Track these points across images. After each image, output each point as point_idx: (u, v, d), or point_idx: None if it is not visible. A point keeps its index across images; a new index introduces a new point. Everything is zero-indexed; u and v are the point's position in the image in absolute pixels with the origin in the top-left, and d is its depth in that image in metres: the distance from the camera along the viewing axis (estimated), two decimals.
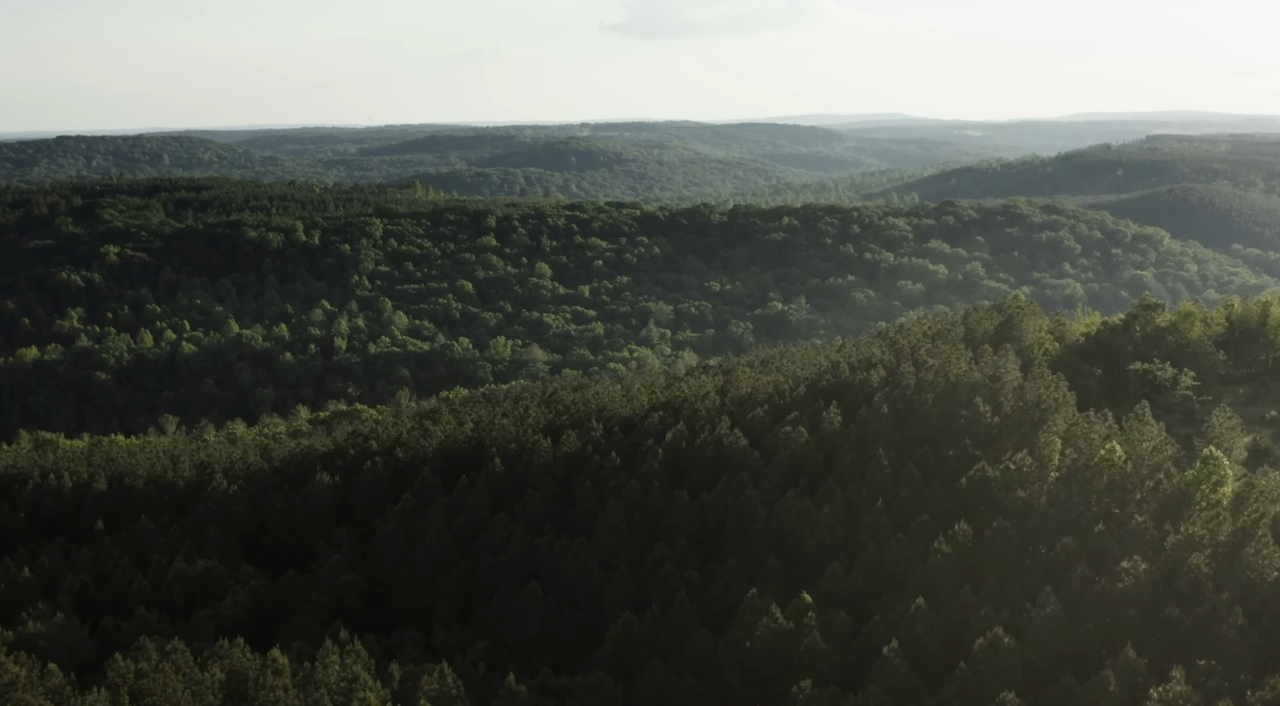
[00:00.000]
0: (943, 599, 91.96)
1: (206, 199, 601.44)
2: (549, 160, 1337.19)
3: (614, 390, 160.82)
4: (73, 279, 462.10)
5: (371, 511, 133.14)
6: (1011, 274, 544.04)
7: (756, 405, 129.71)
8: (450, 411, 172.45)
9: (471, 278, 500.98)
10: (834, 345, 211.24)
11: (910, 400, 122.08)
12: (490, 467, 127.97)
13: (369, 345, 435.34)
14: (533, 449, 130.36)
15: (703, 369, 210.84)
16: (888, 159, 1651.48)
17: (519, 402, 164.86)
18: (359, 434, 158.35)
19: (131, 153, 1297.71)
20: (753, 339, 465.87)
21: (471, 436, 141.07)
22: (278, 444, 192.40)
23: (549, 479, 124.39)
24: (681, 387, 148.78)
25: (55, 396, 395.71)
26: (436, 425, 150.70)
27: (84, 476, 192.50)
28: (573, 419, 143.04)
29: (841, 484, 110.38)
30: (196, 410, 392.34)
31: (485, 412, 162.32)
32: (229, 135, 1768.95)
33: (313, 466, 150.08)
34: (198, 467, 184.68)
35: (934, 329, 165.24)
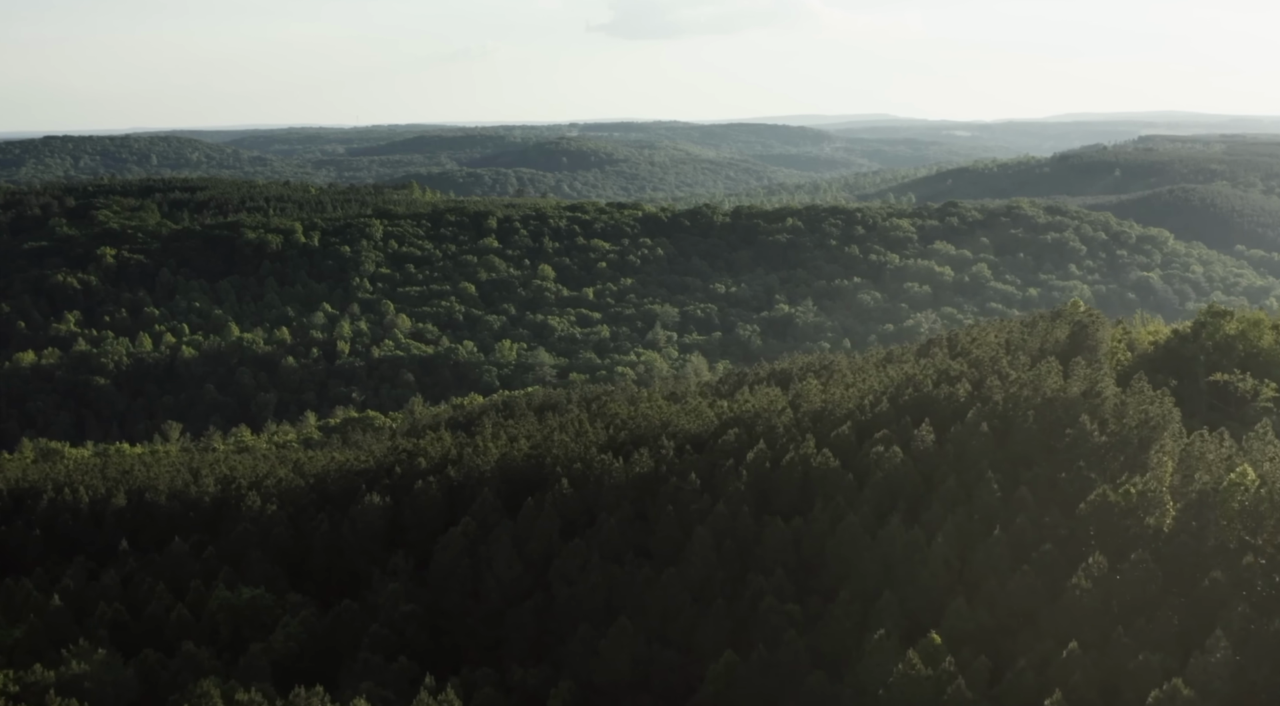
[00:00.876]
0: (1087, 640, 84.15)
1: (201, 199, 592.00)
2: (540, 160, 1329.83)
3: (664, 403, 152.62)
4: (69, 281, 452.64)
5: (426, 535, 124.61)
6: (1018, 275, 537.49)
7: (837, 421, 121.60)
8: (493, 424, 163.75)
9: (474, 280, 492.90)
10: (880, 353, 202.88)
11: (1006, 417, 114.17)
12: (557, 489, 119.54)
13: (372, 349, 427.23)
14: (601, 469, 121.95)
15: (761, 378, 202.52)
16: (878, 159, 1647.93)
17: (565, 415, 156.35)
18: (403, 449, 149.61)
19: (119, 153, 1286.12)
20: (760, 342, 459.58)
21: (531, 454, 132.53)
22: (306, 456, 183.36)
23: (622, 502, 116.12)
24: (748, 400, 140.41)
25: (54, 402, 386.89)
26: (489, 440, 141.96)
27: (101, 491, 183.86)
28: (633, 435, 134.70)
29: (948, 509, 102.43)
30: (198, 416, 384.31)
31: (533, 427, 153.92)
32: (215, 135, 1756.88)
33: (356, 485, 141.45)
34: (221, 482, 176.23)
35: (999, 338, 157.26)
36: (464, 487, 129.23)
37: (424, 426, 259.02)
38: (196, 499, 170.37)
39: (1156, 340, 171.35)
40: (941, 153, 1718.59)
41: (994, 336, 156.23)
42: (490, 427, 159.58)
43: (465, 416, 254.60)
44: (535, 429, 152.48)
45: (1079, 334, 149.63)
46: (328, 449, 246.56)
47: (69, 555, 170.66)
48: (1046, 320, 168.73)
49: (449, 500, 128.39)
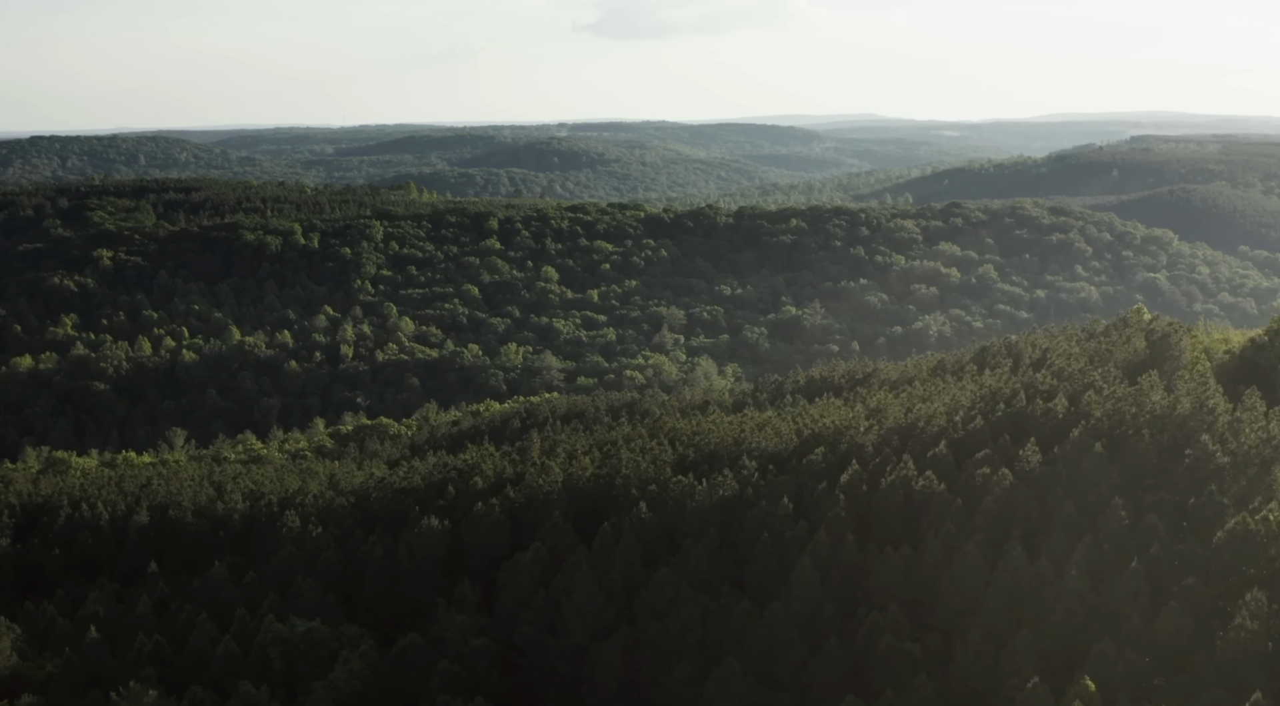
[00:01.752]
0: (1264, 688, 76.40)
1: (196, 200, 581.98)
2: (531, 160, 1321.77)
3: (725, 416, 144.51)
4: (65, 284, 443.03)
5: (489, 562, 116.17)
6: (1025, 277, 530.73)
7: (929, 440, 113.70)
8: (543, 439, 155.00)
9: (476, 282, 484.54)
10: (930, 361, 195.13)
11: (1114, 435, 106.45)
12: (635, 513, 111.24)
13: (376, 353, 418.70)
14: (681, 491, 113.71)
15: (800, 386, 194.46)
16: (868, 159, 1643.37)
17: (616, 429, 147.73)
18: (452, 467, 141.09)
19: (107, 153, 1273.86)
20: (768, 344, 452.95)
21: (599, 474, 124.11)
22: (341, 472, 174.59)
23: (707, 527, 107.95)
24: (824, 415, 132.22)
25: (52, 408, 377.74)
26: (549, 458, 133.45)
27: (121, 507, 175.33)
28: (703, 453, 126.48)
29: (1072, 538, 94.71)
30: (200, 421, 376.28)
31: (585, 442, 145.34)
32: (203, 135, 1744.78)
33: (406, 505, 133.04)
34: (249, 497, 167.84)
35: (1072, 348, 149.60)
36: (527, 510, 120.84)
37: (443, 436, 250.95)
38: (224, 516, 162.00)
39: (1231, 349, 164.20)
40: (932, 153, 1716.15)
41: (1067, 346, 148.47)
42: (539, 442, 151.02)
43: (487, 425, 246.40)
44: (589, 443, 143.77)
45: (1160, 344, 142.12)
46: (347, 459, 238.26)
47: (91, 576, 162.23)
48: (1117, 329, 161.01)
49: (512, 524, 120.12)
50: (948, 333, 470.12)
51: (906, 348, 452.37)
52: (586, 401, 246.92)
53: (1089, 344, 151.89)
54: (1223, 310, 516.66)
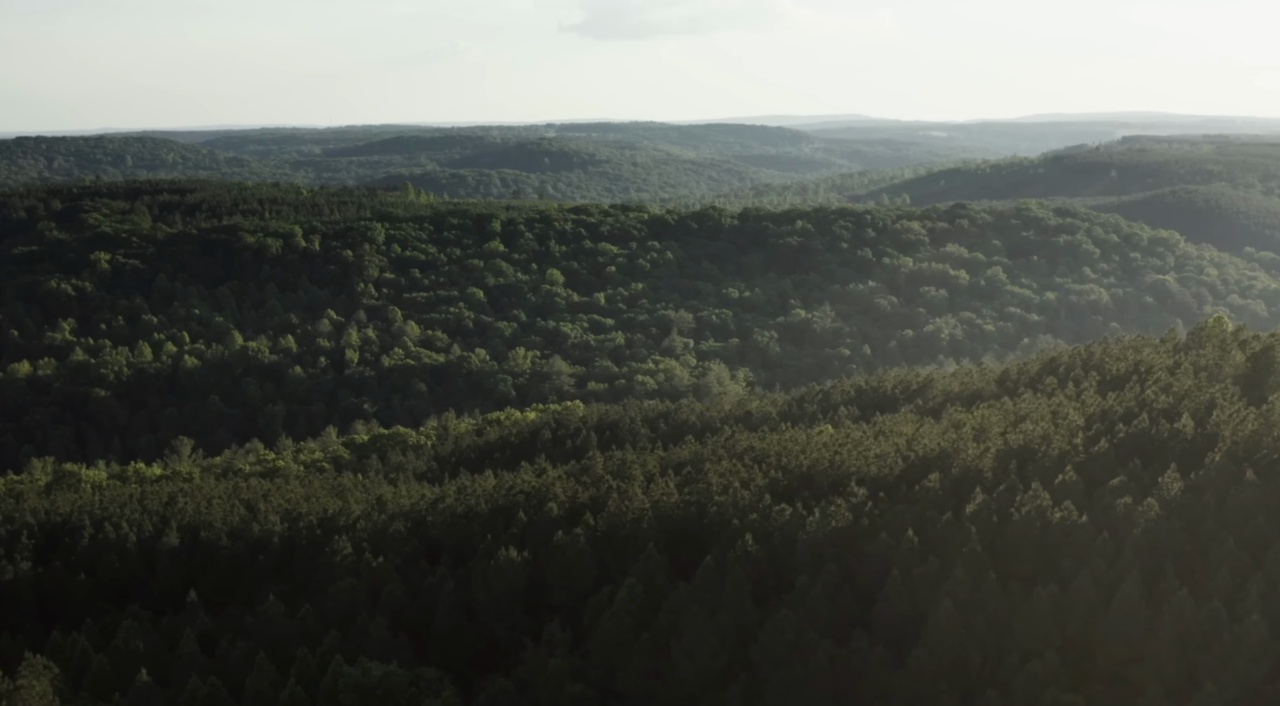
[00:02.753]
0: None
1: (192, 202, 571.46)
2: (522, 161, 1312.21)
3: (801, 434, 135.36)
4: (63, 288, 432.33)
5: (574, 598, 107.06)
6: (1034, 279, 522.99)
7: (1051, 464, 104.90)
8: (607, 458, 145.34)
9: (481, 285, 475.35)
10: (993, 371, 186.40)
11: (1260, 461, 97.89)
12: (740, 546, 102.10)
13: (382, 358, 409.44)
14: (789, 522, 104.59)
15: (850, 397, 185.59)
16: (858, 160, 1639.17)
17: (681, 445, 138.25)
18: (518, 489, 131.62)
19: (93, 153, 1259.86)
20: (778, 348, 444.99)
21: (690, 501, 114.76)
22: (390, 494, 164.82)
23: (823, 562, 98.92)
24: (924, 435, 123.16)
25: (51, 415, 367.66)
26: (630, 481, 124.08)
27: (148, 527, 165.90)
28: (796, 477, 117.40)
29: (1237, 577, 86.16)
30: (203, 428, 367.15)
31: (655, 462, 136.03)
32: (188, 136, 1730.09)
33: (471, 532, 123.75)
34: (288, 518, 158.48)
35: (1164, 360, 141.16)
36: (612, 540, 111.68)
37: (467, 447, 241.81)
38: (262, 539, 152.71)
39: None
40: (921, 153, 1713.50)
41: (1158, 358, 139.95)
42: (603, 461, 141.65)
43: (515, 436, 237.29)
44: (657, 462, 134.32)
45: (1262, 358, 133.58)
46: (371, 471, 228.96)
47: (120, 603, 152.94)
48: (1204, 340, 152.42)
49: (597, 555, 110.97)
50: (959, 336, 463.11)
51: (918, 351, 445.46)
52: (619, 411, 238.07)
53: (1181, 356, 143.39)
54: (1233, 312, 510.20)
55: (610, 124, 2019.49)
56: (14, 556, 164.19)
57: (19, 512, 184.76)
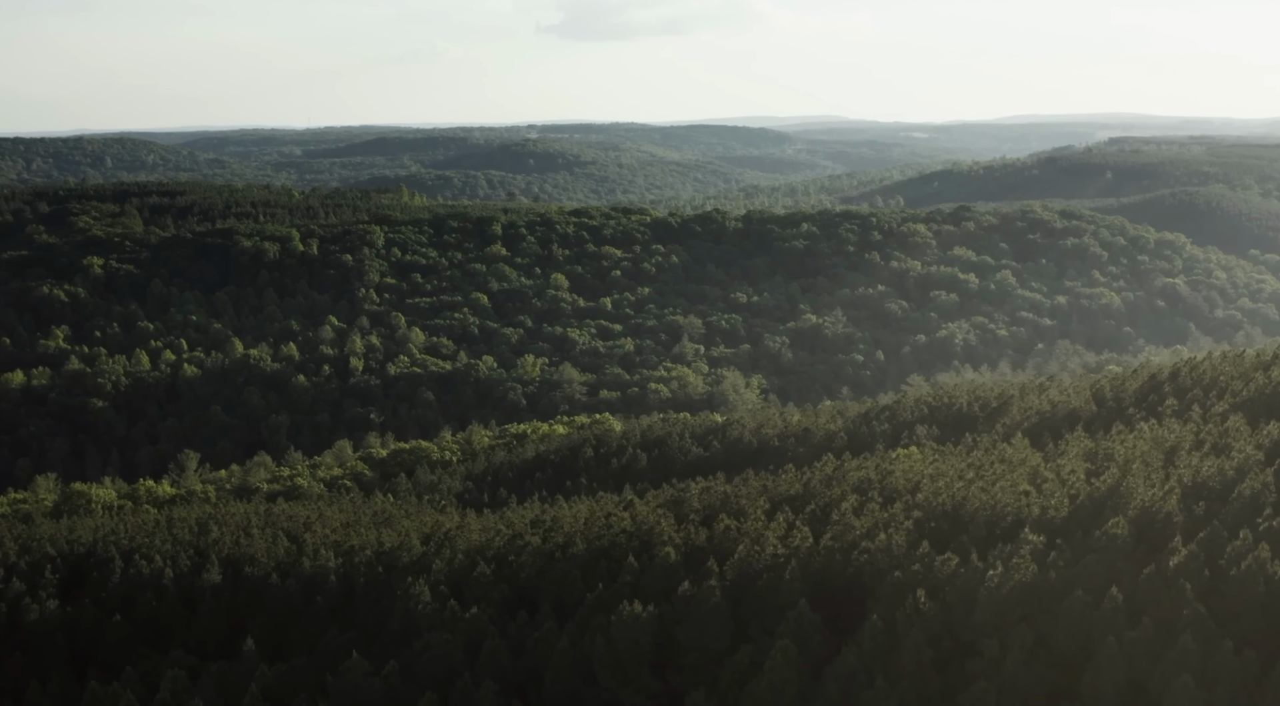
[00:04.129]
0: None
1: (183, 205, 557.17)
2: (506, 162, 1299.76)
3: (926, 462, 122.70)
4: (55, 294, 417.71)
5: (708, 658, 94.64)
6: (1044, 283, 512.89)
7: (1245, 506, 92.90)
8: (704, 491, 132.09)
9: (485, 290, 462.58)
10: (1083, 382, 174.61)
11: None
12: (911, 603, 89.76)
13: (388, 366, 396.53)
14: (961, 574, 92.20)
15: (917, 415, 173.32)
16: (841, 161, 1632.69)
17: (783, 475, 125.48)
18: (619, 528, 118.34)
19: (72, 155, 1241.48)
20: (790, 354, 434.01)
21: (830, 547, 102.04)
22: (455, 526, 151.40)
23: (1007, 623, 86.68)
24: (1074, 470, 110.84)
25: (48, 427, 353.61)
26: (756, 522, 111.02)
27: (183, 561, 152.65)
28: (943, 519, 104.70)
29: None
30: (205, 440, 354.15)
31: (748, 490, 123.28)
32: (167, 136, 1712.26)
33: (570, 577, 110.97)
34: (342, 553, 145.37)
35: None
36: (746, 593, 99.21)
37: (502, 464, 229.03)
38: (315, 576, 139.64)
39: None
40: (905, 155, 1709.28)
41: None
42: (699, 493, 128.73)
43: (555, 453, 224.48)
44: (761, 492, 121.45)
45: None
46: (402, 492, 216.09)
47: (160, 646, 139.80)
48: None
49: (733, 609, 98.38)
50: (973, 341, 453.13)
51: (932, 357, 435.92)
52: (662, 427, 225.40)
53: None
54: (1245, 316, 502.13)
55: (592, 125, 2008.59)
56: (38, 593, 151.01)
57: (36, 541, 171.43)
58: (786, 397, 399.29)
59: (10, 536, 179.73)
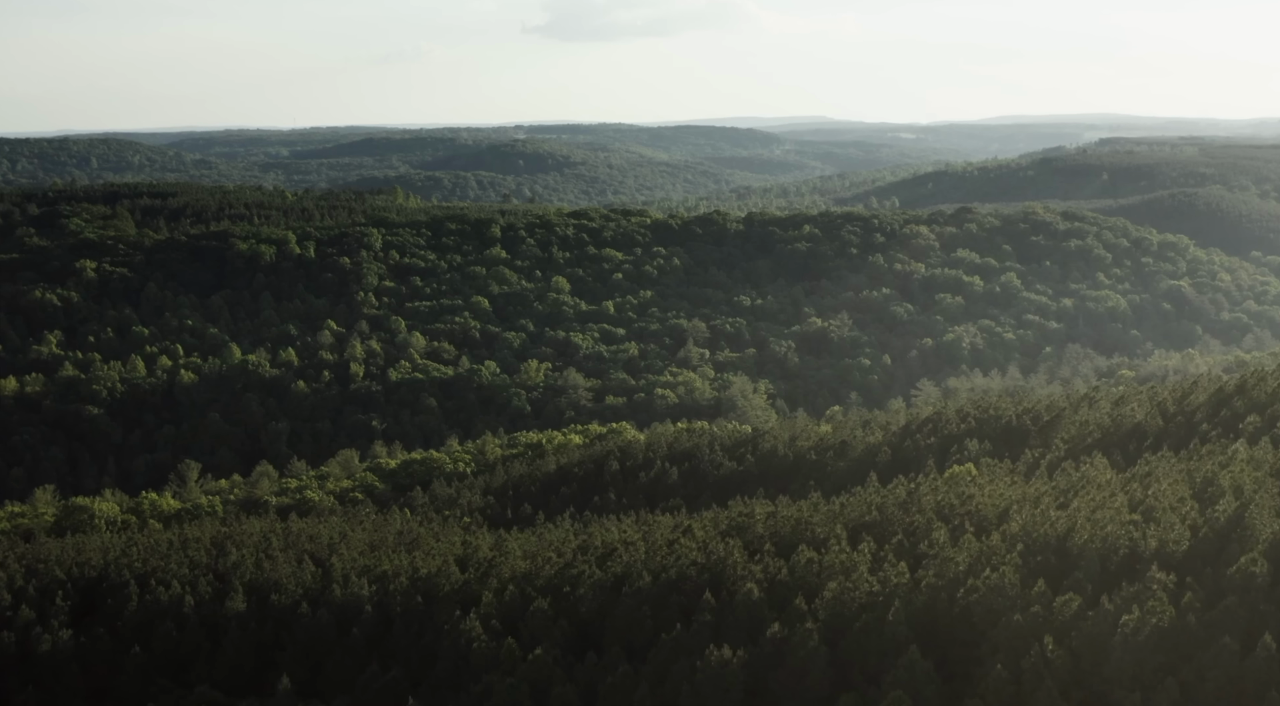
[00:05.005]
0: None
1: (175, 206, 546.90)
2: (496, 163, 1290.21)
3: (1011, 488, 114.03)
4: (48, 298, 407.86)
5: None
6: (1049, 285, 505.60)
7: None
8: (767, 517, 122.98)
9: (485, 293, 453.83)
10: (1142, 395, 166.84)
11: None
12: (1038, 653, 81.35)
13: (389, 371, 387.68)
14: (1086, 618, 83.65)
15: (983, 426, 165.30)
16: (831, 162, 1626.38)
17: (881, 510, 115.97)
18: (688, 559, 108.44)
19: (58, 156, 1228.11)
20: (796, 358, 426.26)
21: (937, 584, 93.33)
22: (500, 555, 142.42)
23: (1156, 675, 78.42)
24: (1168, 496, 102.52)
25: (42, 435, 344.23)
26: (816, 549, 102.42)
27: (204, 588, 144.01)
28: (1049, 551, 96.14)
29: None
30: (203, 448, 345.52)
31: (817, 515, 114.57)
32: (152, 137, 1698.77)
33: (639, 613, 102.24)
34: (375, 579, 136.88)
35: None
36: (842, 636, 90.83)
37: (522, 478, 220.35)
38: (348, 605, 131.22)
39: None
40: (894, 155, 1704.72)
41: None
42: (764, 518, 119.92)
43: (579, 465, 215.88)
44: (832, 517, 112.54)
45: None
46: (420, 506, 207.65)
47: (184, 680, 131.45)
48: None
49: (830, 654, 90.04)
50: (980, 344, 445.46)
51: (939, 361, 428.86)
52: (689, 439, 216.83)
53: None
54: (1251, 319, 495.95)
55: (580, 126, 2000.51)
56: (50, 622, 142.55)
57: (43, 563, 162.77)
58: (793, 402, 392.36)
59: (14, 556, 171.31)
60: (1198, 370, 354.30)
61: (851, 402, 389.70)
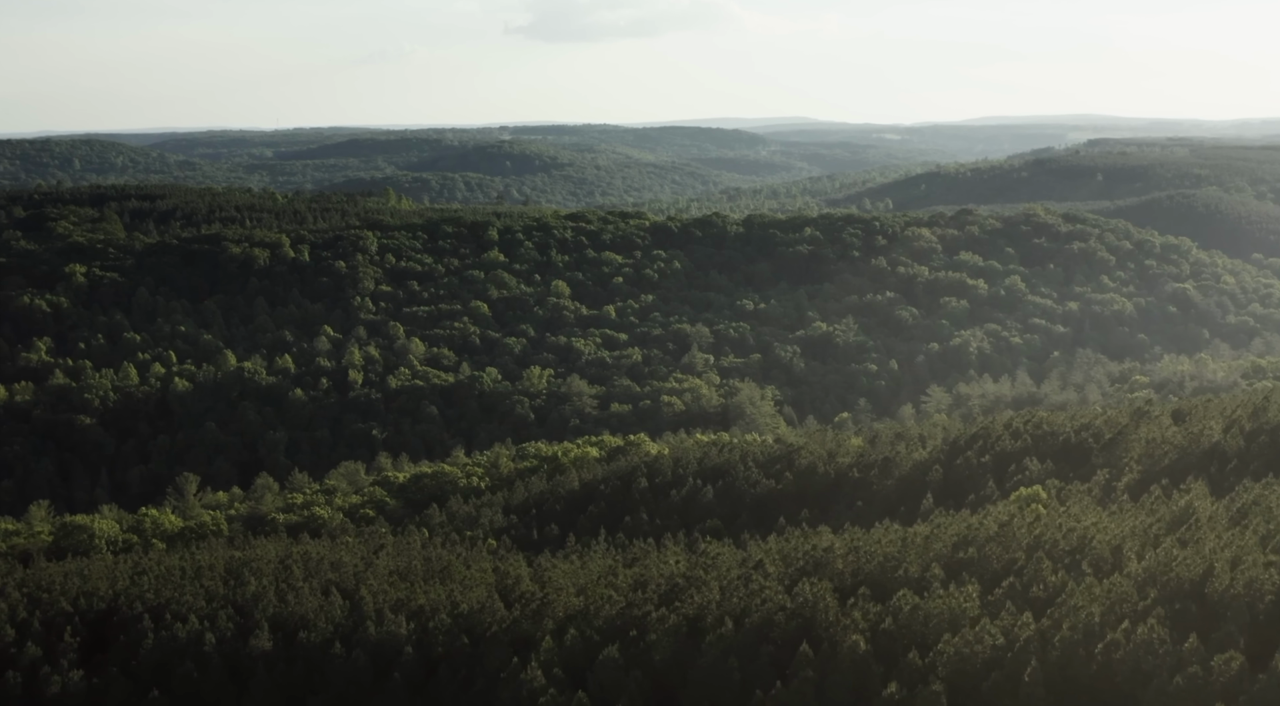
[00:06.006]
0: None
1: (164, 209, 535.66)
2: (483, 164, 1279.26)
3: (1101, 517, 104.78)
4: (36, 304, 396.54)
5: None
6: (1053, 289, 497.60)
7: None
8: (848, 561, 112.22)
9: (484, 297, 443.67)
10: (1209, 415, 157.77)
11: None
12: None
13: (388, 378, 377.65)
14: (1239, 674, 74.54)
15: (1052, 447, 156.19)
16: (817, 163, 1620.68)
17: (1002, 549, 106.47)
18: (774, 603, 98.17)
19: (39, 157, 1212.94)
20: (802, 364, 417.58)
21: (1071, 639, 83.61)
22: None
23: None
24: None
25: (32, 446, 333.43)
26: (919, 594, 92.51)
27: (224, 623, 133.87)
28: (1187, 598, 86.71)
29: None
30: (199, 459, 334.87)
31: (930, 547, 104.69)
32: (134, 138, 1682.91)
33: (723, 666, 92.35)
34: (409, 614, 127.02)
35: None
36: (966, 697, 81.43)
37: (542, 495, 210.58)
38: (384, 645, 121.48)
39: None
40: (880, 156, 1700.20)
41: None
42: (843, 555, 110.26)
43: (604, 482, 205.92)
44: (938, 552, 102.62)
45: None
46: (438, 525, 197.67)
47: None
48: None
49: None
50: (987, 349, 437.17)
51: (946, 366, 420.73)
52: (719, 453, 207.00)
53: None
54: (1258, 322, 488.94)
55: (565, 126, 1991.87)
56: (59, 660, 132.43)
57: (47, 593, 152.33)
58: (800, 409, 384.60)
59: (13, 583, 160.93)
60: (1214, 376, 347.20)
61: (860, 409, 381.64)
